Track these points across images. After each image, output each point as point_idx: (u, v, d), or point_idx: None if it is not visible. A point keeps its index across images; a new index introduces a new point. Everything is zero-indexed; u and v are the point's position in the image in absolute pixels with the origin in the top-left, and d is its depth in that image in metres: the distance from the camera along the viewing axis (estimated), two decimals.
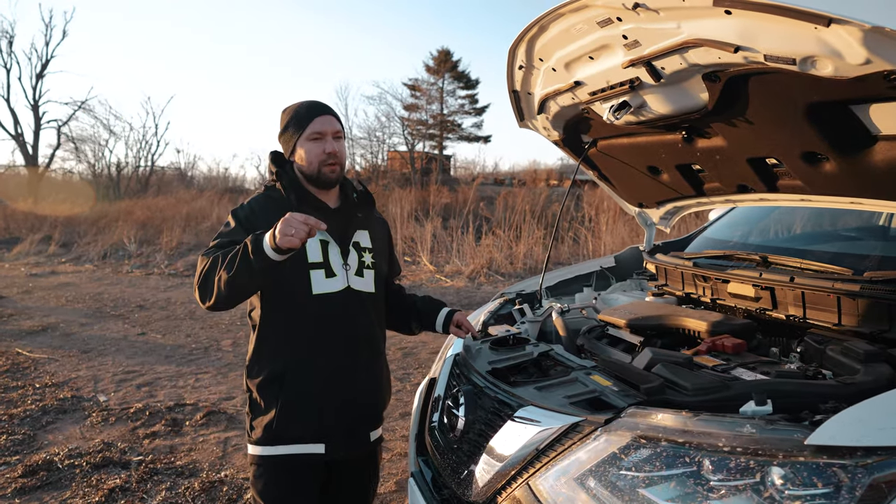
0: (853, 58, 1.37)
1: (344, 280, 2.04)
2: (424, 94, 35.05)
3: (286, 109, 2.13)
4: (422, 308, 2.35)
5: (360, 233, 2.16)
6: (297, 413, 1.98)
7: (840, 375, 1.64)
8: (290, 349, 1.99)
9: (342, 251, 2.07)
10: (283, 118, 2.12)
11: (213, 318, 7.94)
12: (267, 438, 1.98)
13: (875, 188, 1.83)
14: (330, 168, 2.05)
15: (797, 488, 1.22)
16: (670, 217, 3.01)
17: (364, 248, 2.14)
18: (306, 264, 1.99)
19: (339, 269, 2.04)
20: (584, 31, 1.93)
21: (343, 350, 2.03)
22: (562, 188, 23.48)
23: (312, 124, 2.04)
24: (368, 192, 2.26)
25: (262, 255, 1.75)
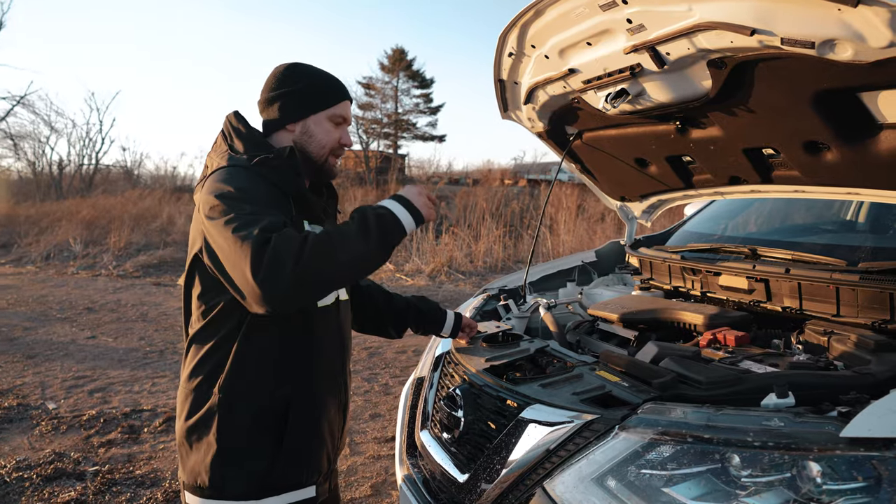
0: (876, 40, 1.34)
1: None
2: (379, 93, 34.83)
3: (299, 68, 1.71)
4: (423, 307, 2.13)
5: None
6: (301, 453, 1.61)
7: (851, 366, 1.62)
8: (294, 376, 1.60)
9: None
10: (295, 78, 1.69)
11: (168, 320, 7.63)
12: (254, 491, 1.55)
13: (875, 178, 1.83)
14: (335, 160, 1.76)
15: (836, 483, 1.18)
16: (653, 211, 2.99)
17: None
18: None
19: None
20: (585, 14, 1.86)
21: (336, 372, 1.73)
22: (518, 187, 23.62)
23: (341, 106, 1.73)
24: (332, 185, 1.92)
25: (401, 228, 1.48)
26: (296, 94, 1.68)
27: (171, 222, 16.34)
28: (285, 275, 1.30)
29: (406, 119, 35.37)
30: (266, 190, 1.52)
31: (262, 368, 1.57)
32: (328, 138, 1.71)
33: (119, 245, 13.76)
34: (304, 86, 1.68)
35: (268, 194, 1.51)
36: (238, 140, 1.64)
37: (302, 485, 1.62)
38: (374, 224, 1.44)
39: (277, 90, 1.68)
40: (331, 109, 1.70)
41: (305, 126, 1.69)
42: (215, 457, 1.54)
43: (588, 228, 13.05)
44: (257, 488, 1.56)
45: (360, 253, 1.41)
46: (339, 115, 1.72)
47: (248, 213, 1.41)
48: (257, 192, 1.50)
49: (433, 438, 2.02)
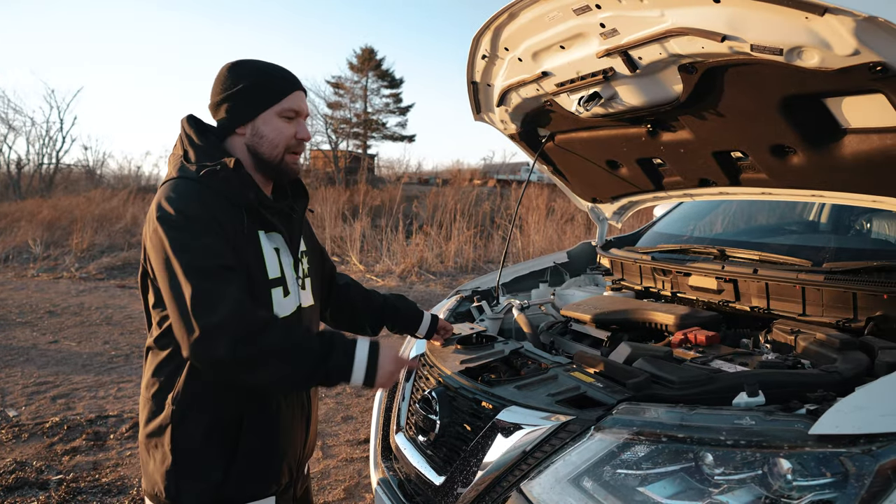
0: (842, 48, 1.38)
1: (296, 297, 1.65)
2: (348, 93, 34.63)
3: (242, 66, 1.60)
4: (400, 306, 2.11)
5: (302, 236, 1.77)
6: (258, 466, 1.56)
7: (818, 364, 1.66)
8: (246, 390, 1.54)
9: (294, 262, 1.66)
10: (239, 78, 1.58)
11: (134, 323, 7.47)
12: (208, 502, 1.53)
13: (839, 181, 1.88)
14: (293, 158, 1.63)
15: (805, 479, 1.21)
16: (623, 212, 3.03)
17: (303, 254, 1.74)
18: (267, 281, 1.55)
19: (293, 284, 1.64)
20: (558, 18, 1.88)
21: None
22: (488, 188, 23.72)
23: (291, 98, 1.59)
24: (303, 183, 1.81)
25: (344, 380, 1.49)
26: (240, 94, 1.57)
27: (135, 223, 15.98)
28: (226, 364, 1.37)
29: (376, 119, 35.24)
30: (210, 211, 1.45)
31: (210, 385, 1.52)
32: (280, 136, 1.59)
33: (81, 246, 13.41)
34: (247, 84, 1.57)
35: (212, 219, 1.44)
36: (190, 148, 1.56)
37: (258, 497, 1.58)
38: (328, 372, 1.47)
39: (222, 93, 1.59)
40: (279, 105, 1.58)
41: (255, 127, 1.58)
42: (170, 467, 1.52)
43: (558, 229, 13.16)
44: (212, 500, 1.52)
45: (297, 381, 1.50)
46: (290, 109, 1.59)
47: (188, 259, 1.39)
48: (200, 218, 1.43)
49: (408, 441, 2.01)
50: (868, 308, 1.82)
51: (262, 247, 1.55)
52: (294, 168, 1.65)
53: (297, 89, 1.62)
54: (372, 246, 12.59)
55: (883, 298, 1.78)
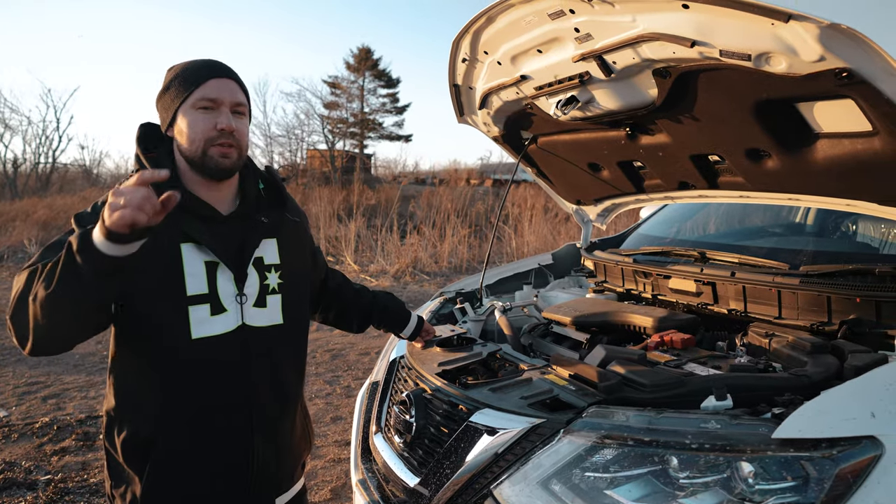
0: (808, 54, 1.39)
1: (237, 316, 1.50)
2: (345, 92, 34.59)
3: (172, 67, 1.53)
4: (389, 305, 2.13)
5: (266, 244, 1.59)
6: (167, 489, 1.46)
7: (789, 368, 1.67)
8: (159, 410, 1.45)
9: (236, 276, 1.50)
10: (167, 76, 1.52)
11: None
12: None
13: (813, 185, 1.89)
14: (221, 150, 1.46)
15: (767, 482, 1.22)
16: (607, 214, 3.04)
17: (269, 267, 1.59)
18: (184, 298, 1.43)
19: (231, 301, 1.49)
20: (534, 23, 1.89)
21: (235, 408, 1.51)
22: (483, 188, 23.72)
23: (204, 87, 1.46)
24: (278, 186, 1.68)
25: (92, 250, 1.17)
26: (162, 96, 1.52)
27: None
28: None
29: (372, 119, 35.22)
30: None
31: (136, 396, 1.47)
32: (195, 129, 1.46)
33: None
34: (167, 84, 1.51)
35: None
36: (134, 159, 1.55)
37: None
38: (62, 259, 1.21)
39: (156, 99, 1.55)
40: (192, 97, 1.46)
41: (177, 127, 1.50)
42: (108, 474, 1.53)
43: (552, 229, 13.17)
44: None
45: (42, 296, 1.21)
46: (204, 99, 1.46)
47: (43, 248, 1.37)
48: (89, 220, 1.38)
49: (386, 442, 2.02)
50: (842, 311, 1.83)
51: (184, 260, 1.44)
52: (223, 163, 1.48)
53: (214, 77, 1.49)
54: (367, 246, 12.59)
55: (856, 302, 1.79)
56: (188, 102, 1.47)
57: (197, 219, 1.47)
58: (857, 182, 1.77)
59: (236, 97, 1.51)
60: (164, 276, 1.42)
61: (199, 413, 1.48)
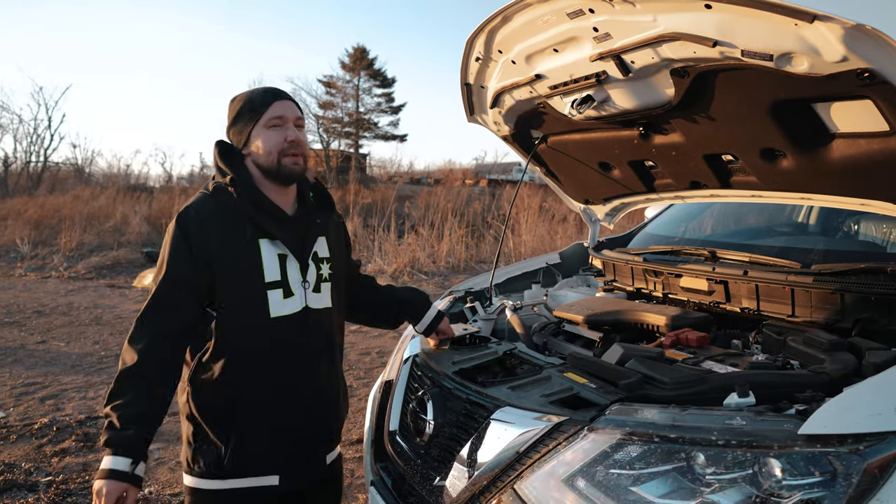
0: (831, 55, 1.40)
1: (302, 299, 1.83)
2: (340, 92, 34.56)
3: (236, 97, 1.90)
4: (410, 298, 2.24)
5: (319, 241, 1.93)
6: (252, 445, 1.80)
7: (807, 365, 1.69)
8: (244, 376, 1.78)
9: (301, 266, 1.84)
10: (234, 107, 1.87)
11: (124, 323, 7.43)
12: (215, 472, 1.79)
13: (827, 184, 1.91)
14: (292, 159, 1.81)
15: (794, 478, 1.23)
16: (615, 213, 3.05)
17: (322, 259, 1.92)
18: (263, 284, 1.77)
19: (298, 287, 1.83)
20: (552, 22, 1.90)
21: (300, 375, 1.85)
22: (479, 187, 23.72)
23: (271, 109, 1.81)
24: (326, 192, 2.03)
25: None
26: (235, 122, 1.86)
27: (125, 222, 15.88)
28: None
29: (367, 118, 35.20)
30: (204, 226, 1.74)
31: (222, 368, 1.78)
32: (270, 143, 1.80)
33: (70, 246, 13.32)
34: (237, 112, 1.86)
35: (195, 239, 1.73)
36: (216, 170, 1.87)
37: (258, 472, 1.81)
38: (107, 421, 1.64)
39: (228, 127, 1.90)
40: (262, 118, 1.81)
41: (253, 144, 1.83)
42: (188, 440, 1.83)
43: (550, 229, 13.20)
44: (219, 471, 1.78)
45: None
46: (273, 118, 1.81)
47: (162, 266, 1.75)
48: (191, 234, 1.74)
49: (403, 441, 2.02)
50: (855, 310, 1.85)
51: (262, 253, 1.78)
52: (295, 169, 1.83)
53: (279, 99, 1.84)
54: (363, 245, 12.58)
55: (870, 300, 1.81)
56: (260, 123, 1.81)
57: (270, 218, 1.80)
58: (873, 182, 1.78)
59: (297, 113, 1.87)
60: (247, 266, 1.76)
61: (274, 380, 1.81)
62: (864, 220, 2.77)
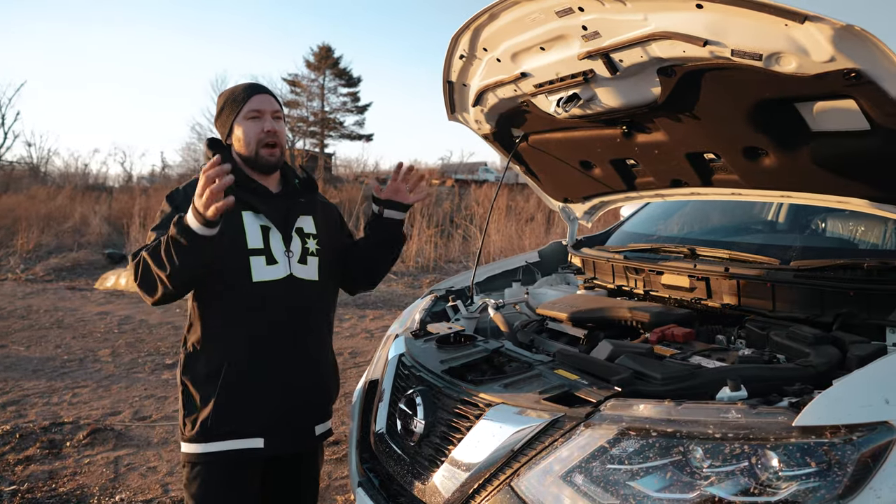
0: (819, 55, 1.44)
1: (286, 267, 1.99)
2: (305, 91, 34.21)
3: (222, 93, 2.09)
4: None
5: (304, 218, 2.09)
6: (234, 406, 1.91)
7: (792, 359, 1.72)
8: (228, 340, 1.93)
9: (284, 237, 2.01)
10: (219, 101, 2.07)
11: (87, 327, 7.22)
12: (202, 435, 1.91)
13: (807, 182, 1.95)
14: (269, 150, 1.99)
15: (791, 469, 1.25)
16: (594, 212, 3.08)
17: (308, 235, 2.08)
18: (246, 251, 1.93)
19: (281, 256, 1.99)
20: (540, 20, 1.90)
21: (284, 340, 1.98)
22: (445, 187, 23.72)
23: (250, 102, 1.98)
24: (311, 177, 2.21)
25: (190, 232, 1.69)
26: (219, 114, 2.06)
27: (84, 223, 15.44)
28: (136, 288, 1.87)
29: (333, 117, 34.93)
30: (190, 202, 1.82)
31: (208, 333, 1.94)
32: (249, 134, 1.97)
33: (27, 247, 12.91)
34: (220, 106, 2.05)
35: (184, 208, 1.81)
36: (204, 159, 2.00)
37: (241, 435, 1.92)
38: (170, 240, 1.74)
39: (214, 120, 2.09)
40: (242, 110, 1.98)
41: (235, 136, 2.01)
42: (182, 403, 1.96)
43: (517, 228, 13.28)
44: (205, 434, 1.90)
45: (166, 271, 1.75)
46: (252, 110, 1.97)
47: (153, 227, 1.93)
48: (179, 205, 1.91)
49: (391, 441, 2.00)
50: (835, 304, 1.90)
51: (245, 223, 1.95)
52: (270, 160, 2.01)
53: (258, 93, 2.01)
54: None
55: (849, 295, 1.86)
56: (240, 115, 1.99)
57: (254, 194, 1.98)
58: (851, 180, 1.83)
59: (274, 106, 2.03)
60: (235, 233, 1.91)
61: (258, 343, 1.94)
62: (831, 218, 2.85)
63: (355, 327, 7.33)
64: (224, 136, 2.06)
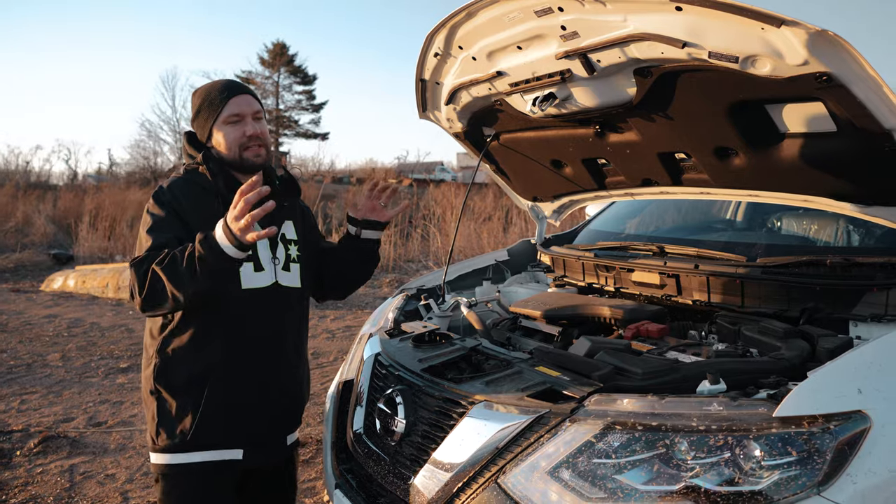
0: (793, 58, 1.48)
1: (272, 275, 1.95)
2: (259, 88, 33.60)
3: (197, 91, 1.99)
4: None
5: (286, 224, 2.04)
6: (218, 417, 1.85)
7: (765, 352, 1.78)
8: (214, 348, 1.85)
9: (270, 244, 1.97)
10: (194, 102, 1.98)
11: (34, 330, 6.93)
12: (179, 445, 1.83)
13: (775, 182, 2.02)
14: (254, 151, 1.92)
15: (774, 458, 1.30)
16: (563, 211, 3.11)
17: (290, 241, 2.04)
18: None
19: (268, 262, 1.94)
20: (518, 19, 1.91)
21: (268, 349, 1.94)
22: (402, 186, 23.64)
23: (228, 106, 1.91)
24: (293, 179, 2.13)
25: (220, 253, 1.64)
26: (196, 117, 1.98)
27: (28, 222, 14.83)
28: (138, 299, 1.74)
29: (288, 116, 34.44)
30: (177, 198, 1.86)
31: (190, 341, 1.85)
32: (230, 139, 1.90)
33: None
34: (197, 108, 1.96)
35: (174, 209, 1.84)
36: (185, 156, 2.00)
37: (222, 446, 1.86)
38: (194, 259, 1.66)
39: (191, 121, 2.01)
40: (221, 115, 1.90)
41: (216, 139, 1.93)
42: (156, 415, 1.85)
43: (476, 228, 13.34)
44: (183, 444, 1.82)
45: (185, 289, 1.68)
46: (232, 115, 1.90)
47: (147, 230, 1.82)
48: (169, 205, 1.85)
49: (370, 442, 1.98)
50: (801, 299, 1.97)
51: None
52: (256, 161, 1.93)
53: (236, 94, 1.92)
54: None
55: (815, 290, 1.93)
56: (219, 120, 1.91)
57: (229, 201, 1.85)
58: (817, 179, 1.90)
59: (254, 107, 1.95)
60: None
61: (242, 351, 1.88)
62: (786, 217, 2.95)
63: (316, 328, 7.24)
64: (203, 138, 1.98)
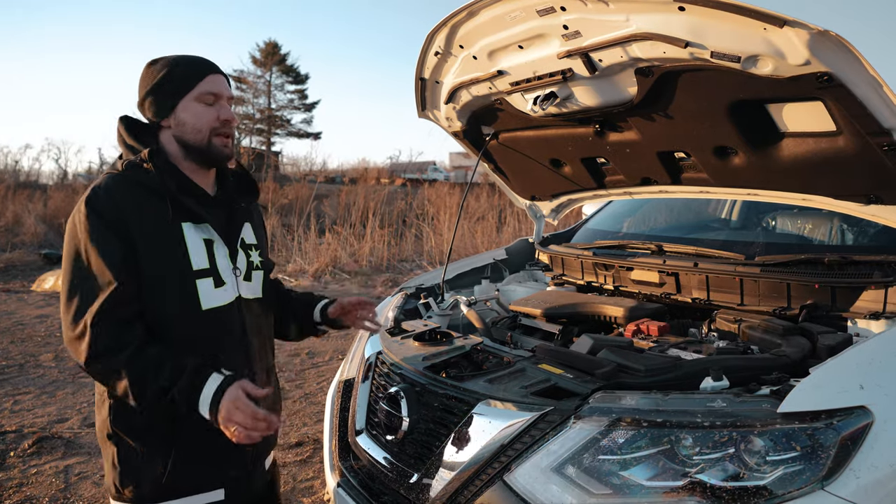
0: (795, 58, 1.50)
1: (234, 288, 1.66)
2: (251, 87, 33.51)
3: (158, 62, 1.64)
4: (302, 298, 2.00)
5: (245, 227, 1.75)
6: (195, 458, 1.59)
7: (765, 349, 1.80)
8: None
9: (230, 252, 1.66)
10: (153, 72, 1.62)
11: (25, 330, 6.88)
12: (154, 495, 1.58)
13: (775, 181, 2.04)
14: (223, 140, 1.63)
15: (778, 454, 1.31)
16: (561, 210, 3.12)
17: (250, 246, 1.76)
18: (191, 273, 1.57)
19: (229, 275, 1.65)
20: (520, 18, 1.92)
21: (240, 369, 1.64)
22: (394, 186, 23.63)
23: (206, 83, 1.61)
24: (251, 177, 1.83)
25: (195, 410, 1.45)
26: (157, 88, 1.61)
27: (17, 222, 14.70)
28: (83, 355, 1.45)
29: (280, 115, 34.33)
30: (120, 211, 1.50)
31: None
32: (201, 121, 1.60)
33: None
34: (161, 77, 1.60)
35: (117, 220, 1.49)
36: (122, 147, 1.63)
37: (202, 489, 1.63)
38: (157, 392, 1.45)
39: (142, 90, 1.63)
40: (195, 90, 1.60)
41: (176, 117, 1.61)
42: (115, 461, 1.58)
43: (470, 227, 13.35)
44: (159, 493, 1.57)
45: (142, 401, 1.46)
46: (207, 93, 1.61)
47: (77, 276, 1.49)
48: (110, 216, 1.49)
49: (372, 440, 1.99)
50: (800, 297, 1.99)
51: (186, 238, 1.58)
52: (224, 151, 1.65)
53: (212, 73, 1.64)
54: (282, 245, 12.25)
55: (814, 288, 1.95)
56: (191, 96, 1.60)
57: (194, 199, 1.60)
58: (816, 178, 1.92)
59: (230, 91, 1.69)
60: (171, 254, 1.55)
61: None
62: (781, 216, 2.98)
63: None
64: (156, 114, 1.62)
